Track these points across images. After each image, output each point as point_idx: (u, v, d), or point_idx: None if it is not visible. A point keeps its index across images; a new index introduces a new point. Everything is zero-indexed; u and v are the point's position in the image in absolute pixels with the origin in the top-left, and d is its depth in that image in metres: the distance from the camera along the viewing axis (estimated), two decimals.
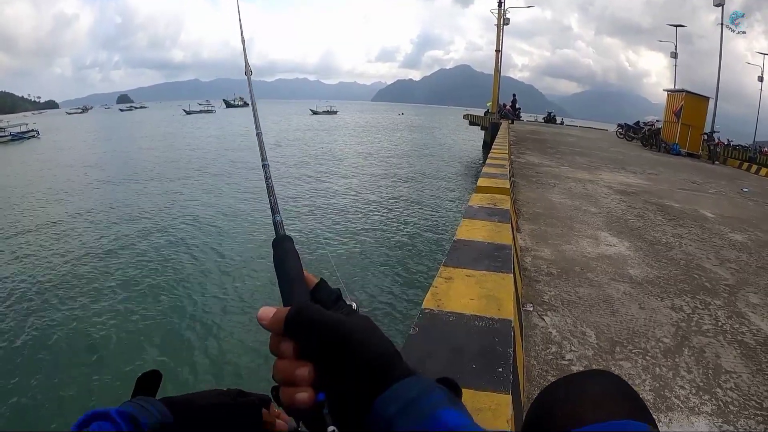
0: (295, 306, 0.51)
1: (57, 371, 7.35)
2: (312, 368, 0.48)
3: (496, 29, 32.49)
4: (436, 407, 0.43)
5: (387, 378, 0.46)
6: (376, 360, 0.47)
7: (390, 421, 0.42)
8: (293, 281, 0.59)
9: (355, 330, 0.48)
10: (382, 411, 0.43)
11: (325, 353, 0.48)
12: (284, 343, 0.50)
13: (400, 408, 0.43)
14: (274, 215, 0.68)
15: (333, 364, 0.47)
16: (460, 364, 1.70)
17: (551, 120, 40.79)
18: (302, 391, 0.47)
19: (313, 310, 0.50)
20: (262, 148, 0.82)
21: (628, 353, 3.08)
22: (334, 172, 26.57)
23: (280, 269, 0.61)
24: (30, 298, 9.77)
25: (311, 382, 0.48)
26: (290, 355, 0.49)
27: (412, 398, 0.43)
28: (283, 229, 0.67)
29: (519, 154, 13.81)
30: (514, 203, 6.77)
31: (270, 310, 0.52)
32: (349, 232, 14.57)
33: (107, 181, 23.86)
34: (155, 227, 15.17)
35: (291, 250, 0.63)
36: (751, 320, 3.79)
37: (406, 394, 0.44)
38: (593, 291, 4.11)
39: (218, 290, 10.50)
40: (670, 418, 2.46)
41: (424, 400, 0.43)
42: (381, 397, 0.44)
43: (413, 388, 0.44)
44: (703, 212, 8.06)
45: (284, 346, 0.50)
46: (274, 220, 0.68)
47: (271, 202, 0.70)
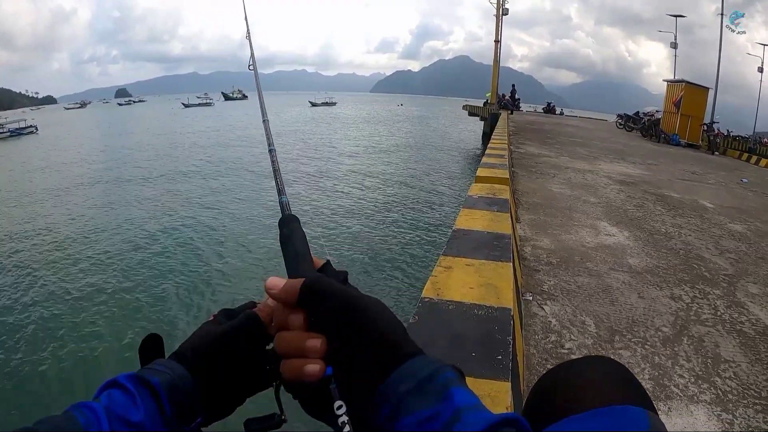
0: (312, 276, 0.50)
1: (64, 354, 7.46)
2: (324, 339, 0.47)
3: (495, 19, 32.33)
4: (449, 385, 0.43)
5: (398, 355, 0.46)
6: (388, 336, 0.47)
7: (402, 398, 0.42)
8: (300, 258, 0.58)
9: (370, 305, 0.48)
10: (395, 388, 0.43)
11: (338, 326, 0.47)
12: (294, 314, 0.49)
13: (414, 386, 0.43)
14: (280, 196, 0.69)
15: (345, 337, 0.47)
16: (460, 352, 1.69)
17: (550, 110, 40.69)
18: (313, 362, 0.46)
19: (330, 281, 0.50)
20: (268, 134, 0.85)
21: (628, 342, 3.09)
22: (332, 163, 26.55)
23: (287, 246, 0.60)
24: (34, 289, 9.79)
25: (323, 354, 0.47)
26: (300, 326, 0.48)
27: (426, 376, 0.43)
28: (289, 209, 0.67)
29: (518, 145, 13.79)
30: (514, 193, 6.77)
31: (280, 279, 0.51)
32: (348, 222, 14.57)
33: (108, 173, 23.85)
34: (159, 218, 15.21)
35: (297, 228, 0.63)
36: (750, 310, 3.80)
37: (419, 371, 0.44)
38: (593, 280, 4.11)
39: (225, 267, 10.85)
40: (669, 407, 2.47)
41: (438, 378, 0.43)
42: (394, 374, 0.44)
43: (426, 367, 0.44)
44: (702, 202, 8.06)
45: (294, 317, 0.49)
46: (281, 200, 0.68)
47: (278, 183, 0.72)
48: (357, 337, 0.46)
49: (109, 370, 6.87)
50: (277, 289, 0.50)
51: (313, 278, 0.50)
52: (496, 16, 32.21)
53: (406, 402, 0.42)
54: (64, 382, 6.79)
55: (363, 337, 0.46)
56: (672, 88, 23.14)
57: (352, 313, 0.47)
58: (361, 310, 0.47)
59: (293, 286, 0.49)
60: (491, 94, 32.42)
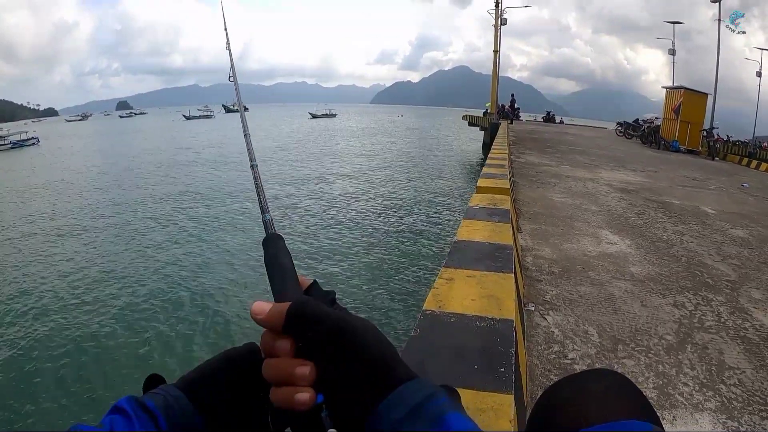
0: (297, 300, 0.48)
1: (60, 375, 7.47)
2: (314, 367, 0.46)
3: (494, 30, 32.49)
4: (444, 411, 0.42)
5: (390, 380, 0.45)
6: (379, 361, 0.46)
7: (395, 426, 0.42)
8: (285, 279, 0.57)
9: (359, 329, 0.47)
10: (388, 414, 0.43)
11: (327, 352, 0.46)
12: (281, 340, 0.47)
13: (407, 412, 0.42)
14: (263, 214, 0.67)
15: (335, 364, 0.46)
16: (462, 365, 1.69)
17: (550, 119, 40.76)
18: (303, 391, 0.45)
19: (317, 305, 0.48)
20: (249, 148, 0.82)
21: (631, 351, 3.08)
22: (333, 174, 26.57)
23: (272, 267, 0.59)
24: (30, 301, 9.80)
25: (312, 382, 0.46)
26: (287, 353, 0.47)
27: (419, 402, 0.42)
28: (273, 227, 0.65)
29: (519, 154, 13.81)
30: (515, 203, 6.77)
31: (265, 304, 0.49)
32: (349, 234, 14.59)
33: (110, 187, 23.92)
34: (156, 231, 15.25)
35: (282, 248, 0.61)
36: (753, 316, 3.78)
37: (412, 397, 0.43)
38: (595, 289, 4.11)
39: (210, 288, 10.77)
40: (674, 416, 2.46)
41: (432, 403, 0.42)
42: (386, 401, 0.43)
43: (419, 392, 0.44)
44: (703, 208, 8.05)
45: (281, 344, 0.47)
46: (264, 219, 0.67)
47: (260, 201, 0.69)
48: (347, 363, 0.45)
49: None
50: (263, 314, 0.48)
51: (300, 302, 0.48)
52: (495, 27, 32.37)
53: (400, 429, 0.41)
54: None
55: (353, 363, 0.45)
56: (671, 94, 23.18)
57: (340, 338, 0.46)
58: (350, 334, 0.46)
59: (279, 312, 0.47)
60: (491, 104, 32.50)
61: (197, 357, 7.84)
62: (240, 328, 8.79)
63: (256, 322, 0.49)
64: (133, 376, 7.24)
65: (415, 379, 0.46)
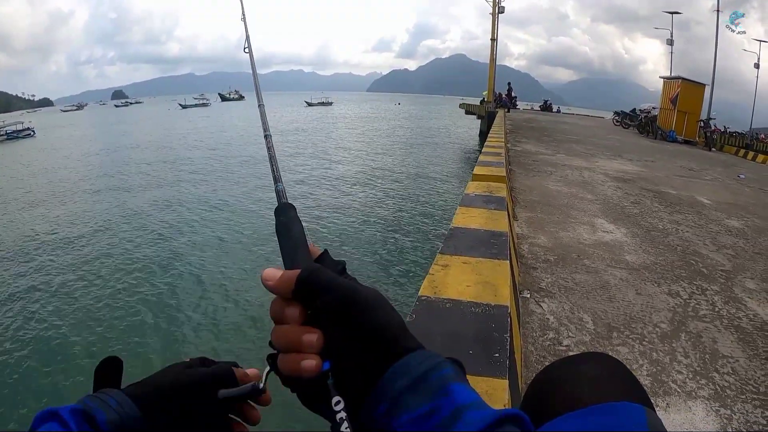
0: (307, 267, 0.48)
1: (68, 353, 7.57)
2: (321, 334, 0.46)
3: (491, 18, 32.36)
4: (447, 382, 0.42)
5: (397, 349, 0.44)
6: (386, 330, 0.45)
7: (399, 395, 0.41)
8: (297, 247, 0.56)
9: (369, 298, 0.47)
10: (392, 384, 0.42)
11: (336, 319, 0.46)
12: (290, 307, 0.47)
13: (411, 382, 0.42)
14: (276, 183, 0.66)
15: (342, 332, 0.45)
16: (457, 350, 1.69)
17: (547, 108, 40.77)
18: (309, 358, 0.45)
19: (326, 273, 0.48)
20: (264, 119, 0.81)
21: (625, 339, 3.09)
22: (329, 162, 26.48)
23: (283, 235, 0.58)
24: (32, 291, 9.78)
25: (319, 350, 0.45)
26: (296, 320, 0.47)
27: (423, 372, 0.42)
28: (285, 197, 0.64)
29: (515, 143, 13.81)
30: (511, 191, 6.77)
31: (276, 271, 0.49)
32: (344, 221, 14.56)
33: (107, 176, 23.78)
34: (160, 212, 15.22)
35: (294, 217, 0.60)
36: (747, 305, 3.80)
37: (416, 367, 0.43)
38: (590, 277, 4.11)
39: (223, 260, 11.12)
40: (667, 403, 2.47)
41: (435, 374, 0.42)
42: (391, 370, 0.43)
43: (424, 362, 0.43)
44: (699, 199, 8.07)
45: (290, 311, 0.47)
46: (277, 188, 0.65)
47: (273, 171, 0.68)
48: (354, 331, 0.45)
49: None
50: (273, 280, 0.48)
51: (310, 270, 0.48)
52: (492, 15, 32.25)
53: (403, 398, 0.41)
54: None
55: (360, 331, 0.45)
56: (668, 84, 23.19)
57: (349, 306, 0.45)
58: (359, 303, 0.46)
59: (289, 278, 0.47)
60: (488, 92, 32.44)
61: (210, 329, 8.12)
62: (251, 295, 8.98)
63: (266, 288, 0.49)
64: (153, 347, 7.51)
65: (422, 349, 0.45)
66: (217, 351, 7.21)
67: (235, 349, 7.28)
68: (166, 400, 0.54)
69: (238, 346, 7.41)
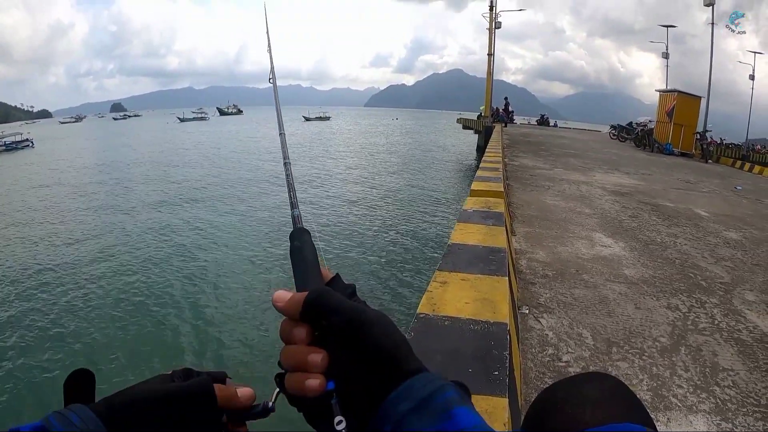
0: (316, 290, 0.49)
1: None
2: (326, 355, 0.46)
3: (488, 33, 32.62)
4: (450, 406, 0.42)
5: (401, 372, 0.45)
6: (391, 353, 0.46)
7: (402, 418, 0.42)
8: (308, 270, 0.58)
9: (375, 320, 0.47)
10: (395, 407, 0.43)
11: (341, 341, 0.46)
12: (298, 327, 0.48)
13: (414, 405, 0.42)
14: (293, 209, 0.68)
15: (348, 353, 0.46)
16: (456, 368, 1.69)
17: (544, 122, 40.97)
18: (313, 377, 0.46)
19: (334, 295, 0.49)
20: (284, 146, 0.83)
21: (625, 353, 3.08)
22: (327, 176, 26.50)
23: (296, 259, 0.59)
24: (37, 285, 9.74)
25: (324, 369, 0.46)
26: (303, 340, 0.48)
27: (427, 395, 0.42)
28: (301, 222, 0.66)
29: (513, 157, 13.84)
30: (509, 206, 6.78)
31: (286, 293, 0.50)
32: (342, 237, 14.53)
33: (106, 190, 23.70)
34: (163, 234, 15.18)
35: (308, 242, 0.62)
36: (747, 317, 3.80)
37: (420, 390, 0.43)
38: (589, 292, 4.11)
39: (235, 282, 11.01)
40: (668, 417, 2.46)
41: (438, 397, 0.42)
42: (395, 393, 0.43)
43: (428, 386, 0.43)
44: (697, 211, 8.09)
45: (297, 331, 0.48)
46: (293, 213, 0.67)
47: (291, 197, 0.69)
48: (359, 353, 0.46)
49: None
50: (283, 302, 0.49)
51: (317, 292, 0.49)
52: (489, 30, 32.51)
53: (407, 421, 0.41)
54: None
55: (365, 353, 0.46)
56: (664, 97, 23.33)
57: (355, 328, 0.46)
58: (365, 324, 0.46)
59: (297, 300, 0.48)
60: (485, 107, 32.59)
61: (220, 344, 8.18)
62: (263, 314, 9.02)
63: (276, 309, 0.50)
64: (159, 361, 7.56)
65: (426, 372, 0.46)
66: (226, 369, 7.22)
67: (245, 368, 7.29)
68: (137, 415, 0.48)
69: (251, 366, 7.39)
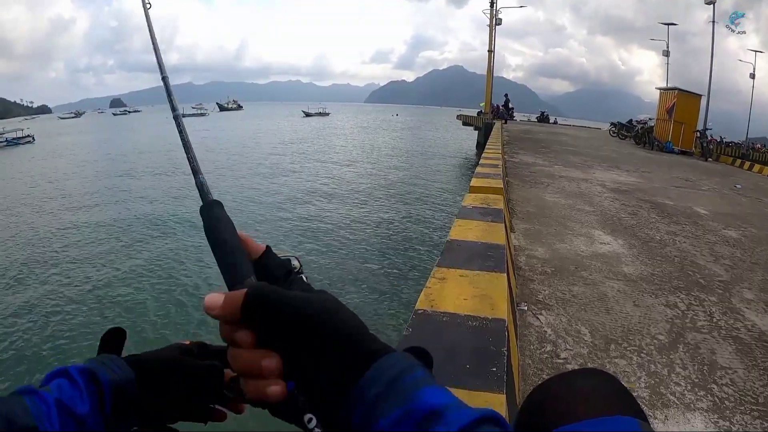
0: (251, 289, 0.45)
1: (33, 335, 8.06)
2: (279, 358, 0.44)
3: (489, 29, 32.57)
4: (420, 384, 0.40)
5: (360, 357, 0.43)
6: (346, 339, 0.43)
7: (373, 402, 0.40)
8: (232, 253, 0.53)
9: (322, 310, 0.44)
10: (364, 393, 0.41)
11: (291, 339, 0.43)
12: (241, 331, 0.45)
13: (382, 389, 0.40)
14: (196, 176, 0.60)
15: (301, 351, 0.43)
16: (454, 365, 1.68)
17: (544, 119, 40.95)
18: (272, 384, 0.43)
19: (272, 292, 0.45)
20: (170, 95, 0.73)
21: (623, 351, 3.08)
22: (327, 173, 26.50)
23: (214, 240, 0.54)
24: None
25: (280, 374, 0.44)
26: (249, 344, 0.44)
27: (393, 378, 0.41)
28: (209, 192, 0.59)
29: (512, 154, 13.84)
30: (508, 203, 6.78)
31: (218, 296, 0.46)
32: (342, 233, 14.51)
33: (107, 187, 23.57)
34: (156, 225, 15.17)
35: (223, 216, 0.56)
36: (745, 316, 3.80)
37: (386, 373, 0.41)
38: (587, 289, 4.11)
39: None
40: (665, 415, 2.46)
41: (406, 378, 0.41)
42: (364, 378, 0.41)
43: (393, 367, 0.42)
44: (696, 209, 8.09)
45: (241, 335, 0.44)
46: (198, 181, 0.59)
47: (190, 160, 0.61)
48: (314, 348, 0.43)
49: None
50: (217, 308, 0.45)
51: (254, 293, 0.45)
52: (490, 27, 32.46)
53: (378, 405, 0.40)
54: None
55: (321, 347, 0.43)
56: (665, 95, 23.31)
57: (302, 323, 0.43)
58: (312, 317, 0.43)
59: (233, 304, 0.44)
60: (485, 103, 32.56)
61: None
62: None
63: (211, 317, 0.46)
64: None
65: (389, 353, 0.44)
66: None
67: None
68: (159, 376, 0.60)
69: None
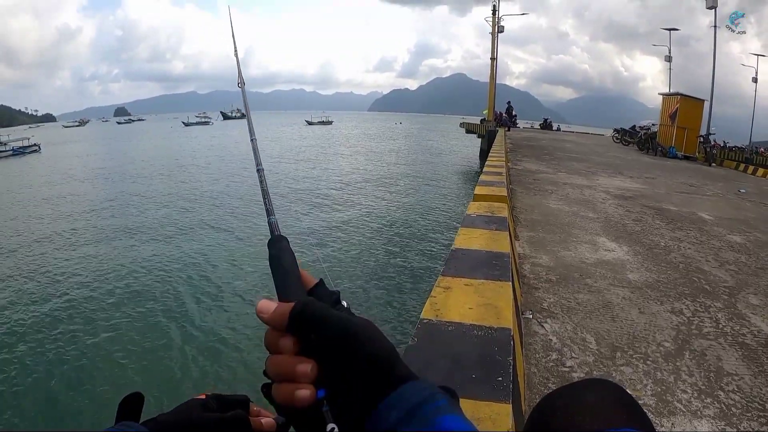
0: (301, 301, 0.49)
1: (54, 387, 7.35)
2: (315, 364, 0.46)
3: (491, 37, 32.67)
4: (438, 413, 0.42)
5: (390, 380, 0.45)
6: (380, 360, 0.46)
7: (393, 426, 0.42)
8: (290, 279, 0.57)
9: (361, 329, 0.47)
10: (386, 416, 0.43)
11: (329, 351, 0.46)
12: (284, 338, 0.48)
13: (403, 414, 0.42)
14: (269, 216, 0.67)
15: (337, 362, 0.46)
16: (460, 374, 1.69)
17: (547, 126, 40.93)
18: (303, 388, 0.46)
19: (319, 307, 0.49)
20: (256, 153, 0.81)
21: (629, 358, 3.08)
22: (330, 181, 26.49)
23: (276, 267, 0.59)
24: (29, 313, 9.74)
25: (313, 380, 0.46)
26: (290, 351, 0.47)
27: (416, 404, 0.43)
28: (278, 229, 0.65)
29: (516, 161, 13.85)
30: (512, 211, 6.78)
31: (270, 303, 0.50)
32: (346, 242, 14.52)
33: (114, 198, 23.63)
34: (159, 238, 15.18)
35: (287, 249, 0.61)
36: (751, 321, 3.79)
37: (409, 399, 0.43)
38: (593, 297, 4.11)
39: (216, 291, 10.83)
40: (672, 423, 2.46)
41: (428, 406, 0.43)
42: (386, 400, 0.44)
43: (417, 394, 0.44)
44: (701, 215, 8.07)
45: (284, 342, 0.48)
46: (270, 221, 0.66)
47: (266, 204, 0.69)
48: (348, 362, 0.46)
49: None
50: (268, 313, 0.49)
51: (303, 304, 0.48)
52: (492, 34, 32.56)
53: (399, 428, 0.41)
54: None
55: (354, 362, 0.46)
56: (668, 101, 23.30)
57: (341, 338, 0.46)
58: (351, 335, 0.46)
59: (283, 313, 0.48)
60: (488, 111, 32.59)
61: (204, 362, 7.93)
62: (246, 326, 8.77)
63: (261, 320, 0.50)
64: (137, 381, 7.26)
65: (415, 380, 0.46)
66: (216, 379, 7.17)
67: (232, 377, 7.21)
68: None
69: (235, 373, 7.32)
